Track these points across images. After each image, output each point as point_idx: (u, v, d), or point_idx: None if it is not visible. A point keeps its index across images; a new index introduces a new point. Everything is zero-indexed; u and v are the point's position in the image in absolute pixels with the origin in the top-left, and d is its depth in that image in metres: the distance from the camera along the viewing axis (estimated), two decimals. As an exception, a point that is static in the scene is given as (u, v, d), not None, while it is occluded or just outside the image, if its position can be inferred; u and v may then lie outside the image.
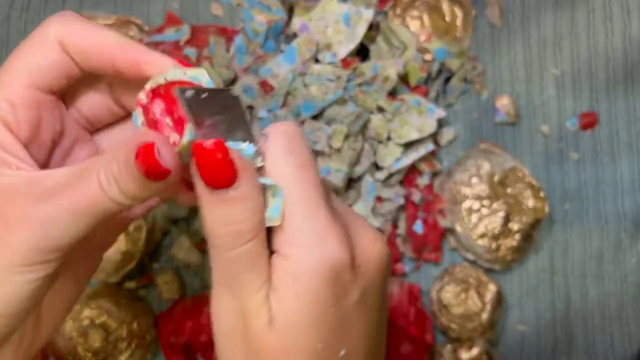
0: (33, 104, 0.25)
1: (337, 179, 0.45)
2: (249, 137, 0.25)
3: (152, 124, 0.24)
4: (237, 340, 0.25)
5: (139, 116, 0.25)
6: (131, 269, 0.45)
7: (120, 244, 0.44)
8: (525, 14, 0.51)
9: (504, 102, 0.50)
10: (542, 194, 0.48)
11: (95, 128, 0.30)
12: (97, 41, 0.25)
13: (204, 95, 0.23)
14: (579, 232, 0.50)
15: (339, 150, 0.45)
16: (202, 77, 0.24)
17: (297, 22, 0.48)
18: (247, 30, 0.48)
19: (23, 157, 0.25)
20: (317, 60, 0.48)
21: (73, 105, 0.28)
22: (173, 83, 0.24)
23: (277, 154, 0.25)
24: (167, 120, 0.24)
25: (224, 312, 0.25)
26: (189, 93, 0.23)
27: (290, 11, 0.49)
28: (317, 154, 0.46)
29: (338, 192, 0.46)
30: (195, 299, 0.46)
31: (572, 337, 0.49)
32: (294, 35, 0.48)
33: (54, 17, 0.26)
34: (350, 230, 0.26)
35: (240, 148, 0.24)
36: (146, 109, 0.25)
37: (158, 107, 0.24)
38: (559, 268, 0.50)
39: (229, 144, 0.23)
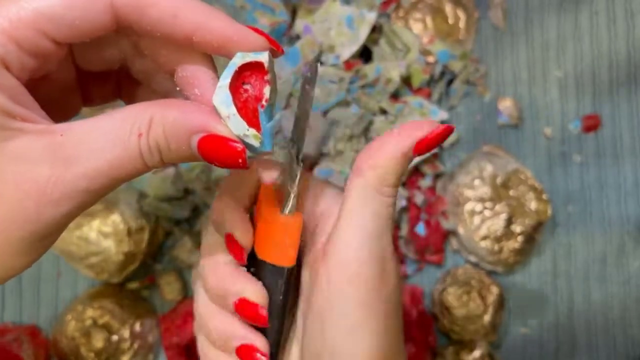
0: (40, 52, 0.21)
1: (340, 181, 0.45)
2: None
3: (244, 105, 0.22)
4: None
5: (226, 101, 0.21)
6: (134, 269, 0.45)
7: (123, 245, 0.44)
8: (529, 16, 0.51)
9: (506, 105, 0.50)
10: (544, 197, 0.48)
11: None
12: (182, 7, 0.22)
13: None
14: (582, 234, 0.50)
15: (341, 152, 0.45)
16: (264, 57, 0.22)
17: (300, 24, 0.48)
18: (251, 32, 0.48)
19: (29, 103, 0.21)
20: (320, 62, 0.48)
21: (79, 54, 0.24)
22: (247, 65, 0.22)
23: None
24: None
25: None
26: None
27: (294, 13, 0.49)
28: (320, 155, 0.46)
29: (340, 194, 0.46)
30: (197, 300, 0.46)
31: (575, 340, 0.49)
32: (297, 37, 0.49)
33: None
34: None
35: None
36: (236, 91, 0.22)
37: (251, 87, 0.22)
38: (561, 271, 0.49)
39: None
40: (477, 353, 0.45)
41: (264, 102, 0.22)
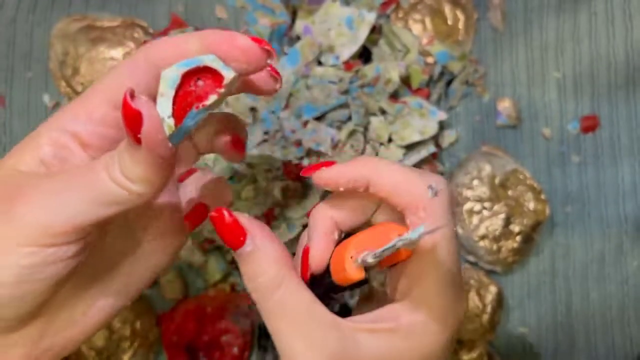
0: (113, 122, 0.25)
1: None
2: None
3: (184, 95, 0.23)
4: None
5: (172, 80, 0.22)
6: (134, 268, 0.45)
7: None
8: (528, 18, 0.51)
9: (505, 105, 0.50)
10: (543, 197, 0.48)
11: None
12: (177, 44, 0.24)
13: None
14: (581, 234, 0.50)
15: (340, 152, 0.46)
16: (229, 74, 0.23)
17: (300, 25, 0.48)
18: (251, 33, 0.48)
19: None
20: (319, 63, 0.48)
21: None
22: (202, 69, 0.23)
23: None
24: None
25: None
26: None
27: (294, 14, 0.50)
28: (319, 155, 0.46)
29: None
30: (198, 298, 0.47)
31: (573, 339, 0.49)
32: (297, 38, 0.49)
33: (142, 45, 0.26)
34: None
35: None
36: (189, 79, 0.23)
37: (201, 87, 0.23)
38: (560, 270, 0.50)
39: None
40: (475, 352, 0.46)
41: (200, 105, 0.23)
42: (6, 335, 0.24)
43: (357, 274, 0.26)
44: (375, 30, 0.50)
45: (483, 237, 0.47)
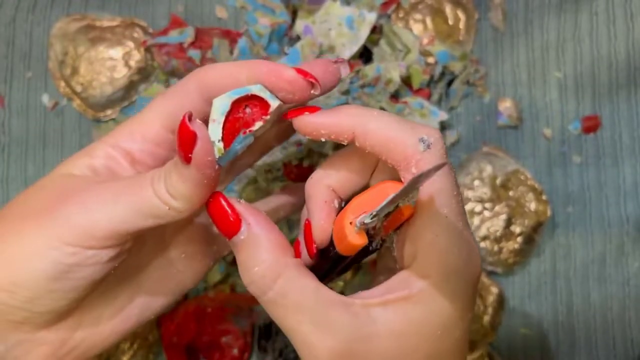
0: (163, 142, 0.27)
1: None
2: None
3: (233, 120, 0.25)
4: None
5: (223, 107, 0.25)
6: (134, 269, 0.45)
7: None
8: (529, 18, 0.51)
9: (506, 105, 0.50)
10: (544, 197, 0.48)
11: None
12: (228, 73, 0.26)
13: None
14: (582, 235, 0.50)
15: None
16: (275, 103, 0.25)
17: (300, 25, 0.48)
18: (251, 33, 0.48)
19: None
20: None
21: None
22: (250, 97, 0.25)
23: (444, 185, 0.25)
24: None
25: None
26: None
27: (294, 14, 0.50)
28: (320, 155, 0.46)
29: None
30: (198, 299, 0.47)
31: (574, 340, 0.49)
32: (298, 38, 0.49)
33: (194, 70, 0.27)
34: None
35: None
36: (239, 106, 0.25)
37: (250, 114, 0.25)
38: (561, 271, 0.50)
39: None
40: (476, 354, 0.46)
41: (247, 130, 0.25)
42: (36, 331, 0.25)
43: (358, 240, 0.25)
44: (376, 30, 0.49)
45: (484, 238, 0.47)
